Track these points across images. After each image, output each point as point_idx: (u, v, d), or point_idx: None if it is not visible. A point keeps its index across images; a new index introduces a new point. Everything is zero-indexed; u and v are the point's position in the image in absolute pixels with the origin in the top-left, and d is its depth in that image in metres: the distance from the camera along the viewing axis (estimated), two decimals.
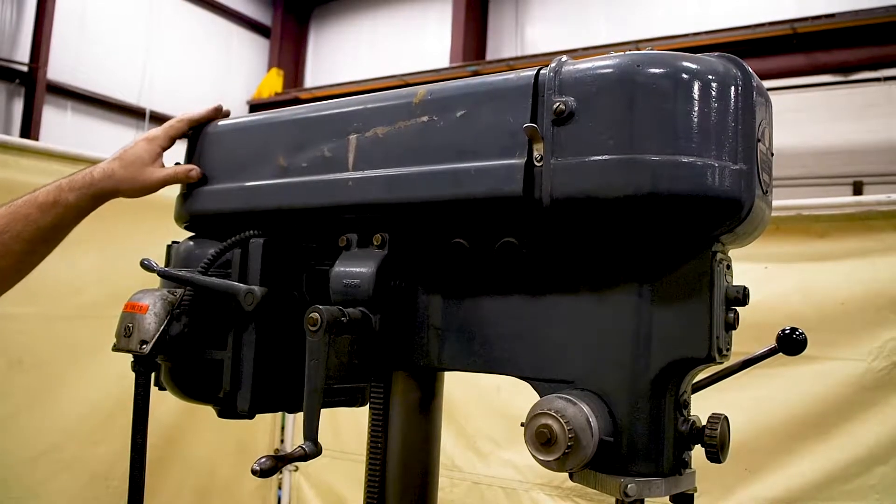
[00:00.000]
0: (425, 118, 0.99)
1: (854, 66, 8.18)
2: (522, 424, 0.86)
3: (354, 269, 1.02)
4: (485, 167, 0.91)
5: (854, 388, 1.98)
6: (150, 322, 1.13)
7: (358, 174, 1.04)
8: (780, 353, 0.96)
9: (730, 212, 0.83)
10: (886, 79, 8.02)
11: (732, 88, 0.84)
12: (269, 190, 1.13)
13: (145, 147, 1.26)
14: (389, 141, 1.01)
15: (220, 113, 1.30)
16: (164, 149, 1.28)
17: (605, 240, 0.89)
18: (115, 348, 1.17)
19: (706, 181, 0.81)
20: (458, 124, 0.95)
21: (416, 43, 12.32)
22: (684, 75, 0.83)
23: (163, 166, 1.28)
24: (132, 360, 1.16)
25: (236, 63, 13.40)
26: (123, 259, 2.04)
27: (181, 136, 1.30)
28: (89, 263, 2.32)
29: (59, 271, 2.19)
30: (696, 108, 0.82)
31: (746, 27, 8.70)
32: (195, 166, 1.26)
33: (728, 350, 0.90)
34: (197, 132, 1.29)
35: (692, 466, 0.91)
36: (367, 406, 1.13)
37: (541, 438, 0.82)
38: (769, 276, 2.09)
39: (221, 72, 13.14)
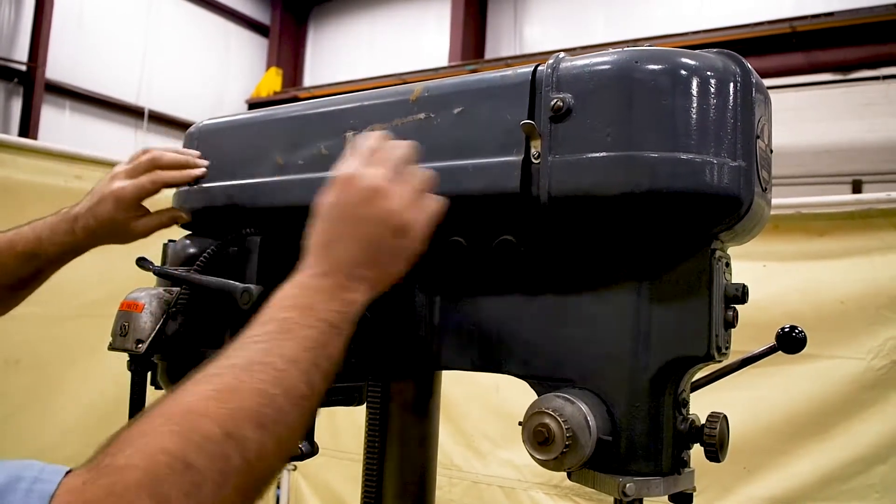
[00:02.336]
0: (422, 115, 0.98)
1: (853, 65, 8.18)
2: (520, 423, 0.85)
3: None
4: (482, 164, 0.91)
5: (853, 386, 1.97)
6: (146, 321, 1.13)
7: None
8: (780, 352, 0.95)
9: (729, 209, 0.83)
10: (885, 77, 8.02)
11: (731, 85, 0.84)
12: (266, 188, 1.13)
13: (115, 210, 1.15)
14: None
15: (188, 179, 1.20)
16: (135, 205, 1.17)
17: (604, 237, 0.88)
18: (112, 347, 1.17)
19: (705, 178, 0.81)
20: (456, 122, 0.95)
21: (415, 42, 12.32)
22: (683, 72, 0.82)
23: (144, 215, 1.20)
24: (128, 359, 1.15)
25: (235, 62, 13.40)
26: (121, 258, 2.04)
27: (150, 196, 1.19)
28: (87, 262, 2.31)
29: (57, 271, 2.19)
30: (695, 105, 0.82)
31: (745, 26, 8.71)
32: (179, 212, 1.21)
33: (727, 348, 0.89)
34: (194, 132, 1.29)
35: (691, 465, 0.90)
36: (365, 405, 1.12)
37: (538, 437, 0.82)
38: (768, 275, 2.08)
39: (220, 71, 13.14)
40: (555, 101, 0.86)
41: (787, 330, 0.93)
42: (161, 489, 0.55)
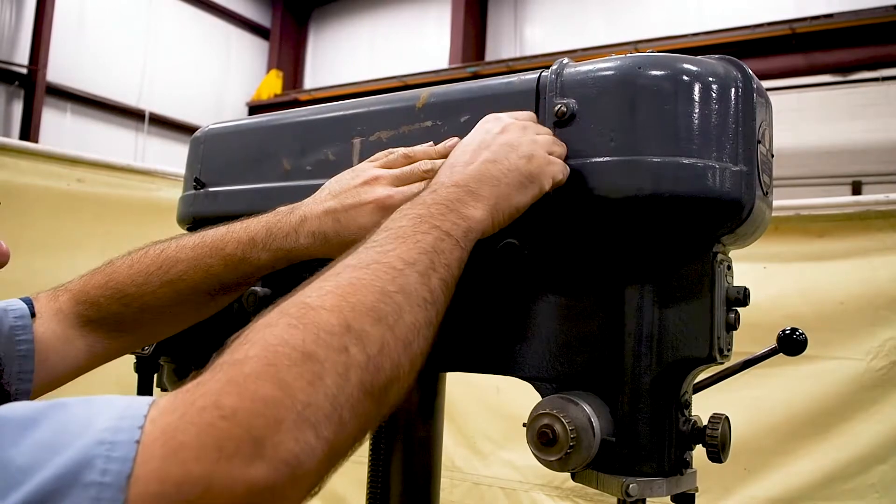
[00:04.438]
0: (429, 123, 0.99)
1: (852, 66, 8.21)
2: (524, 425, 0.86)
3: None
4: None
5: (853, 387, 1.98)
6: None
7: None
8: (780, 354, 0.96)
9: (731, 213, 0.84)
10: (885, 79, 8.05)
11: (733, 90, 0.85)
12: (273, 193, 1.13)
13: (370, 220, 0.89)
14: (393, 145, 1.02)
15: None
16: None
17: (607, 241, 0.89)
18: None
19: (707, 183, 0.82)
20: (463, 130, 0.95)
21: (416, 44, 12.34)
22: (685, 77, 0.84)
23: None
24: (135, 361, 1.16)
25: (235, 64, 13.42)
26: None
27: None
28: (90, 265, 2.32)
29: (59, 273, 2.18)
30: (697, 110, 0.83)
31: (745, 27, 8.73)
32: None
33: (729, 350, 0.90)
34: (200, 137, 1.30)
35: (693, 466, 0.91)
36: None
37: (543, 438, 0.83)
38: (768, 276, 2.09)
39: (220, 73, 13.16)
40: (559, 106, 0.87)
41: (787, 332, 0.94)
42: (283, 378, 0.52)
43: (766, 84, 0.91)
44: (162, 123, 11.97)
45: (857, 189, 7.93)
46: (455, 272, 0.73)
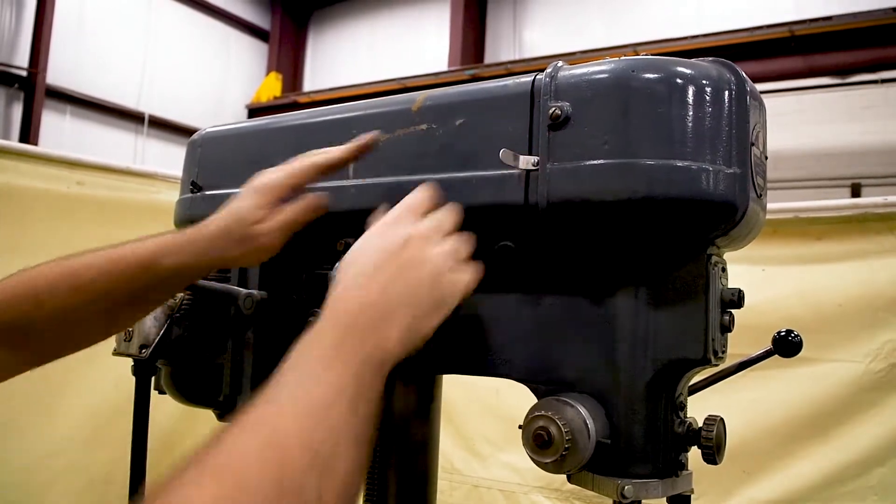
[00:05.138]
0: (424, 126, 0.99)
1: (851, 69, 8.21)
2: (520, 427, 0.86)
3: None
4: (485, 176, 0.92)
5: (852, 389, 1.98)
6: (151, 326, 1.14)
7: (359, 181, 1.04)
8: (777, 356, 0.96)
9: (724, 215, 0.84)
10: (884, 81, 8.05)
11: (726, 93, 0.85)
12: None
13: (253, 203, 0.95)
14: (390, 148, 1.02)
15: (364, 150, 0.99)
16: (278, 198, 0.98)
17: (601, 243, 0.90)
18: (116, 352, 1.18)
19: (701, 185, 0.82)
20: (458, 132, 0.96)
21: (415, 46, 12.36)
22: (678, 80, 0.84)
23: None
24: (132, 364, 1.16)
25: (235, 67, 13.44)
26: None
27: (307, 186, 1.01)
28: None
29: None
30: (691, 113, 0.83)
31: (744, 30, 8.74)
32: (320, 195, 1.02)
33: (724, 352, 0.90)
34: (197, 140, 1.30)
35: (689, 468, 0.91)
36: None
37: (538, 440, 0.83)
38: (767, 279, 2.09)
39: (220, 76, 13.18)
40: (553, 109, 0.88)
41: (783, 334, 0.94)
42: None
43: (764, 86, 0.92)
44: (161, 126, 11.98)
45: (856, 191, 7.93)
46: (376, 402, 0.70)
